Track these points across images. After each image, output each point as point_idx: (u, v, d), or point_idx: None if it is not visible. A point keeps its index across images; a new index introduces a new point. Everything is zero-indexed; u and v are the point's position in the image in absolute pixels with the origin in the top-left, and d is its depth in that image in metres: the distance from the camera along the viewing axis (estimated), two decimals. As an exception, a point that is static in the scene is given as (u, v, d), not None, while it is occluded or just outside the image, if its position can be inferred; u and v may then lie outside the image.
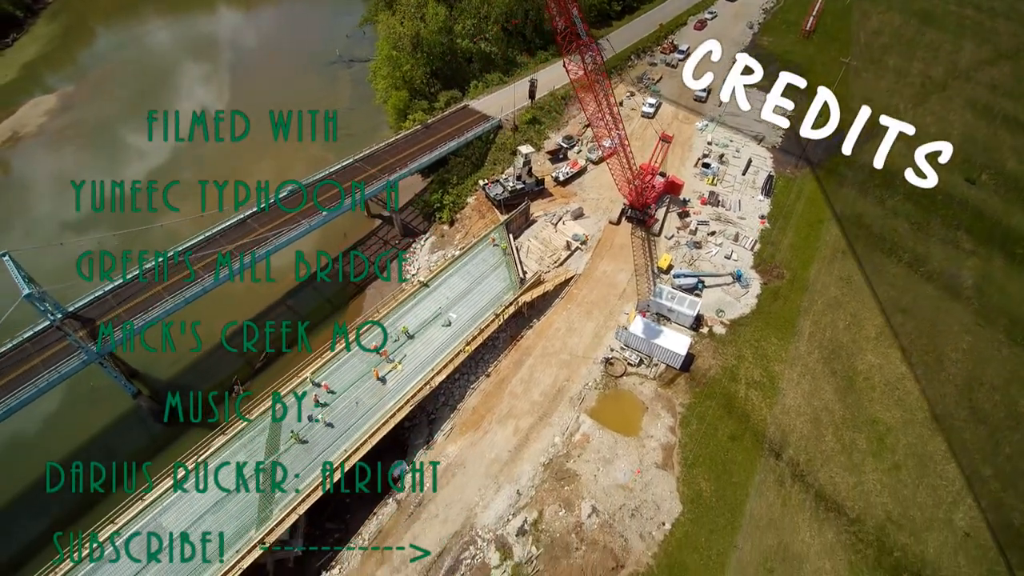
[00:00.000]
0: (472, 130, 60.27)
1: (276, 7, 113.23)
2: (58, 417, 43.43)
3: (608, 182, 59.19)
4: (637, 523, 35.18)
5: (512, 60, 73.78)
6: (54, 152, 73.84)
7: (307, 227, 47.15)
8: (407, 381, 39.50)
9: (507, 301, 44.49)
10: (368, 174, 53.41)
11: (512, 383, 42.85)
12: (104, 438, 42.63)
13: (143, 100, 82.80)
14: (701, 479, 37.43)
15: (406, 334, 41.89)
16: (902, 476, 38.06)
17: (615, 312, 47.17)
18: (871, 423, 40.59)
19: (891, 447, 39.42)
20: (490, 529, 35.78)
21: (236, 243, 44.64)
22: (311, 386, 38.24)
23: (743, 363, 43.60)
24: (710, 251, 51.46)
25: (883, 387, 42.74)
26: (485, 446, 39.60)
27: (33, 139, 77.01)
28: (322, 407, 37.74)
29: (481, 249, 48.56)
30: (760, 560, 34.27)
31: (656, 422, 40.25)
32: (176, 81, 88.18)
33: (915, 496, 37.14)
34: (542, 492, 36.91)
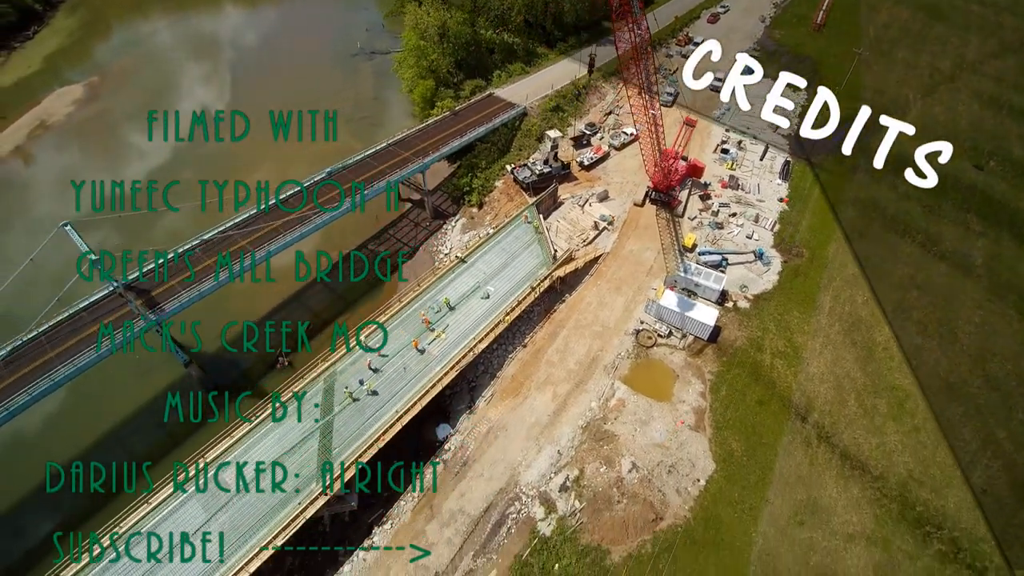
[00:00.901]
0: (498, 117, 62.26)
1: (293, 2, 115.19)
2: (109, 387, 45.37)
3: (630, 167, 61.53)
4: (674, 479, 37.23)
5: (532, 51, 75.83)
6: (82, 139, 75.59)
7: (348, 206, 48.93)
8: (451, 349, 41.52)
9: (542, 276, 46.51)
10: (401, 158, 55.35)
11: (548, 353, 44.88)
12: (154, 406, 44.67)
13: (167, 92, 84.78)
14: (732, 440, 39.50)
15: (447, 305, 43.89)
16: (921, 438, 40.18)
17: (643, 288, 49.23)
18: (891, 389, 42.72)
19: (910, 411, 41.55)
20: (533, 486, 37.78)
21: (284, 219, 46.52)
22: (364, 351, 40.27)
23: (767, 335, 45.71)
24: (732, 231, 53.56)
25: (901, 357, 44.92)
26: (525, 410, 41.61)
27: (60, 127, 78.94)
28: (375, 372, 39.76)
29: (514, 228, 50.57)
30: (791, 513, 36.33)
31: (687, 388, 42.33)
32: (200, 74, 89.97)
33: (934, 456, 39.26)
34: (582, 452, 38.95)
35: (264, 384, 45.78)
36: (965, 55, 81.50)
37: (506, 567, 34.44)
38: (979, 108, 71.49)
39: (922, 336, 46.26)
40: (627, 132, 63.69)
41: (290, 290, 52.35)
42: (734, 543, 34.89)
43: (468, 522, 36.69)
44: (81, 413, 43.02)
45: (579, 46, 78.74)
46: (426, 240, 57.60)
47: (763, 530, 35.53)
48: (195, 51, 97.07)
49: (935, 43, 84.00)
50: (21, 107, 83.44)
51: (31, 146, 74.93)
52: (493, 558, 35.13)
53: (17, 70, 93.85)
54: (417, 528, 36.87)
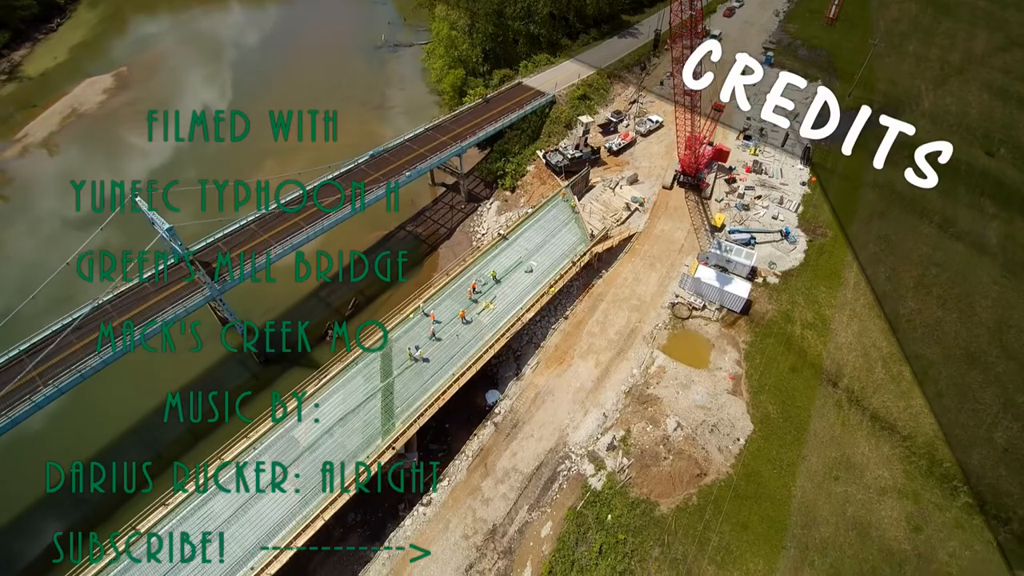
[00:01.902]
0: (528, 104, 64.41)
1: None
2: (167, 357, 47.16)
3: (657, 152, 63.76)
4: (716, 438, 39.41)
5: (556, 43, 77.94)
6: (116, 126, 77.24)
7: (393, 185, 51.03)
8: (500, 318, 43.61)
9: (581, 251, 48.64)
10: (438, 142, 57.40)
11: (589, 324, 47.02)
12: (214, 373, 46.65)
13: (196, 81, 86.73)
14: (768, 404, 41.70)
15: (494, 278, 45.96)
16: (945, 402, 42.45)
17: (676, 264, 51.41)
18: (915, 358, 45.00)
19: (934, 378, 43.83)
20: (582, 446, 39.90)
21: (333, 197, 48.53)
22: (422, 315, 42.44)
23: (796, 307, 47.95)
24: (758, 212, 55.81)
25: (923, 328, 47.22)
26: (570, 377, 43.74)
27: (94, 115, 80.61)
28: (436, 340, 41.88)
29: (552, 207, 52.71)
30: (826, 470, 38.55)
31: (723, 356, 44.52)
32: (227, 64, 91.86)
33: (958, 418, 41.54)
34: (626, 414, 41.09)
35: (314, 355, 47.99)
36: (973, 49, 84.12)
37: (560, 518, 36.58)
38: (988, 99, 74.01)
39: (942, 309, 48.60)
40: (652, 119, 65.90)
41: (333, 270, 54.55)
42: (775, 496, 37.12)
43: (521, 479, 38.81)
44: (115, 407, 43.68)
45: (600, 38, 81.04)
46: (462, 222, 59.73)
47: (801, 484, 37.77)
48: (219, 44, 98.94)
49: (944, 37, 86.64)
50: (51, 96, 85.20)
51: (69, 132, 76.59)
52: (547, 511, 37.24)
53: (43, 61, 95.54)
54: (473, 484, 38.97)
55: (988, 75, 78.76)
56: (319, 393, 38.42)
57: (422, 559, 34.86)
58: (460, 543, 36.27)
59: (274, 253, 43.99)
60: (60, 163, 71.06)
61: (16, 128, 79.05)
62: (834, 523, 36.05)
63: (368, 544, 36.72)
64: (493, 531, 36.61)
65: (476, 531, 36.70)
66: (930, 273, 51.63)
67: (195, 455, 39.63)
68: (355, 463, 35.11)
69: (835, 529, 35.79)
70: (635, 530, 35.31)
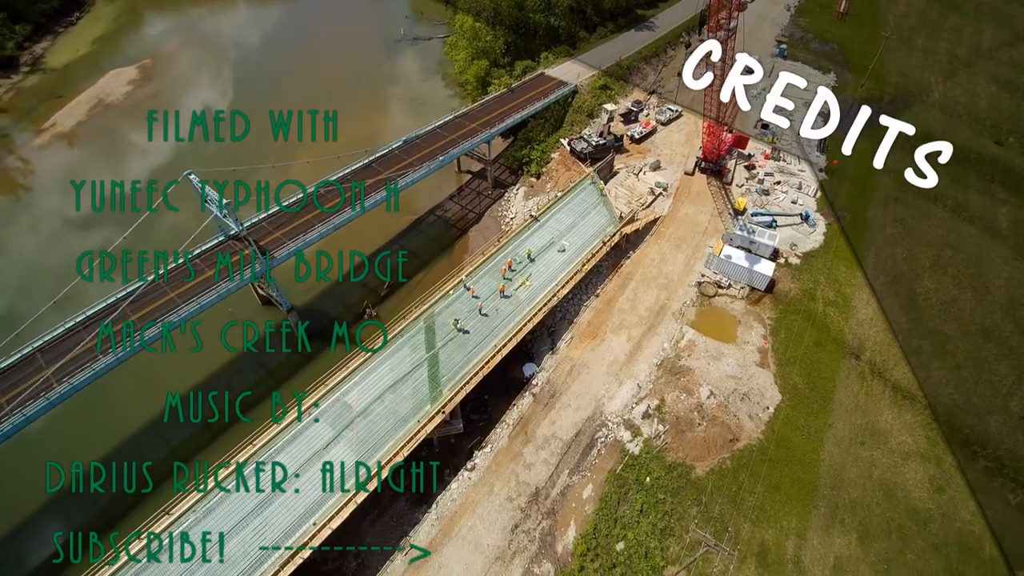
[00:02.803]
0: (553, 93, 66.17)
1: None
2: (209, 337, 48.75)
3: (677, 140, 65.59)
4: (747, 406, 41.21)
5: (574, 35, 79.72)
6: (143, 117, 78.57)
7: (426, 169, 52.63)
8: (536, 294, 45.35)
9: (610, 232, 50.42)
10: (468, 128, 59.11)
11: (619, 302, 48.80)
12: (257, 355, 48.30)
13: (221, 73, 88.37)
14: (794, 375, 43.54)
15: (529, 257, 47.69)
16: (963, 373, 44.38)
17: (700, 246, 53.23)
18: (933, 333, 46.93)
19: (951, 352, 45.75)
20: (618, 414, 41.67)
21: (377, 177, 50.26)
22: (463, 290, 44.18)
23: (818, 286, 49.83)
24: (777, 197, 57.67)
25: (939, 306, 49.17)
26: (603, 351, 45.50)
27: (121, 105, 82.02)
28: (477, 314, 43.61)
29: (580, 191, 54.46)
30: (851, 436, 40.41)
31: (750, 331, 46.35)
32: (247, 58, 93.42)
33: (975, 388, 43.46)
34: (660, 384, 42.87)
35: (355, 330, 49.66)
36: (980, 43, 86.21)
37: (600, 481, 38.33)
38: (996, 91, 76.08)
39: (958, 288, 50.53)
40: (672, 109, 67.76)
41: (370, 248, 56.30)
42: (804, 460, 38.94)
43: (561, 445, 40.56)
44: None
45: (616, 31, 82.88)
46: (490, 207, 61.45)
47: (828, 449, 39.62)
48: (239, 38, 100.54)
49: (951, 32, 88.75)
50: (77, 87, 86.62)
51: (96, 122, 77.98)
52: (587, 475, 38.99)
53: (66, 53, 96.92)
54: (515, 451, 40.69)
55: (995, 68, 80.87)
56: (367, 364, 40.20)
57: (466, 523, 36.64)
58: (505, 505, 37.99)
59: (315, 233, 45.70)
60: (87, 152, 72.47)
61: (43, 117, 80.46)
62: (861, 484, 37.92)
63: (415, 507, 38.64)
64: (536, 494, 38.34)
65: (520, 494, 38.43)
66: (945, 254, 53.58)
67: (261, 412, 41.27)
68: (407, 427, 37.01)
69: (862, 490, 37.66)
70: (673, 491, 37.10)
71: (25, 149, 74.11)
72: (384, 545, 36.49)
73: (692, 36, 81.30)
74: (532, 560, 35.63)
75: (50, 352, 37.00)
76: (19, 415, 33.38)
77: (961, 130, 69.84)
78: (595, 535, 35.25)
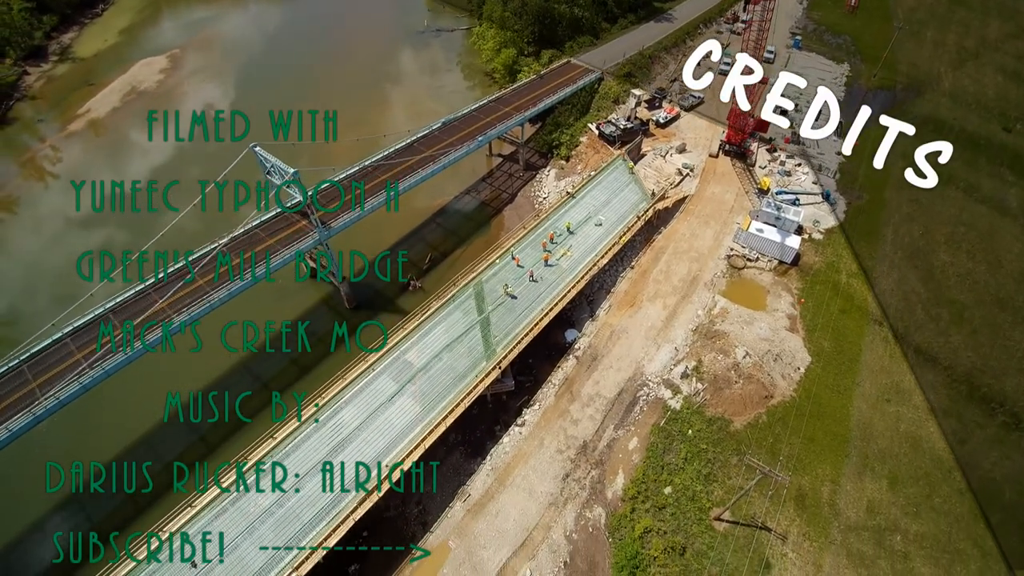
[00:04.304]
0: (580, 80, 68.76)
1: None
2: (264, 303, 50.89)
3: (701, 125, 68.24)
4: (779, 366, 43.78)
5: (597, 26, 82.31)
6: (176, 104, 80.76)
7: (466, 148, 55.17)
8: (576, 263, 47.83)
9: (644, 208, 52.98)
10: (502, 112, 61.57)
11: (653, 273, 51.36)
12: (311, 314, 50.70)
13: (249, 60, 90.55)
14: (822, 339, 46.14)
15: (568, 230, 50.17)
16: (979, 338, 47.06)
17: (728, 222, 55.84)
18: (950, 303, 49.65)
19: (968, 319, 48.45)
20: (658, 375, 44.18)
21: (421, 156, 52.75)
22: (509, 259, 46.66)
23: (841, 259, 52.50)
24: (799, 178, 60.37)
25: (955, 278, 51.88)
26: (641, 318, 48.03)
27: (154, 92, 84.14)
28: (523, 281, 46.02)
29: (612, 170, 56.98)
30: (878, 394, 43.04)
31: (779, 300, 48.96)
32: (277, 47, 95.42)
33: (992, 352, 46.14)
34: (696, 347, 45.40)
35: (398, 302, 52.06)
36: (986, 36, 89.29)
37: (645, 434, 40.82)
38: (1003, 80, 79.05)
39: (972, 262, 53.26)
40: (695, 95, 70.43)
41: (410, 226, 58.80)
42: (835, 415, 41.54)
43: (605, 403, 43.06)
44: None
45: (636, 22, 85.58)
46: (522, 188, 63.92)
47: (857, 406, 42.23)
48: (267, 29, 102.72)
49: (958, 25, 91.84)
50: (108, 75, 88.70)
51: (130, 108, 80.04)
52: (632, 429, 41.48)
53: (94, 43, 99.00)
54: (561, 408, 43.17)
55: (1001, 59, 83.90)
56: (422, 326, 42.59)
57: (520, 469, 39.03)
58: (555, 456, 40.46)
59: (369, 205, 48.10)
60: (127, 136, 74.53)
61: (77, 104, 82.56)
62: (889, 437, 40.55)
63: (471, 459, 41.04)
64: (584, 446, 40.83)
65: (568, 446, 40.90)
66: (959, 231, 56.32)
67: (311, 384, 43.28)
68: (464, 382, 39.48)
69: (890, 442, 40.29)
70: (714, 442, 39.62)
71: (60, 135, 76.07)
72: (442, 493, 39.13)
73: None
74: (584, 505, 38.13)
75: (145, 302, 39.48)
76: (82, 380, 35.04)
77: (971, 118, 72.76)
78: (644, 480, 37.77)
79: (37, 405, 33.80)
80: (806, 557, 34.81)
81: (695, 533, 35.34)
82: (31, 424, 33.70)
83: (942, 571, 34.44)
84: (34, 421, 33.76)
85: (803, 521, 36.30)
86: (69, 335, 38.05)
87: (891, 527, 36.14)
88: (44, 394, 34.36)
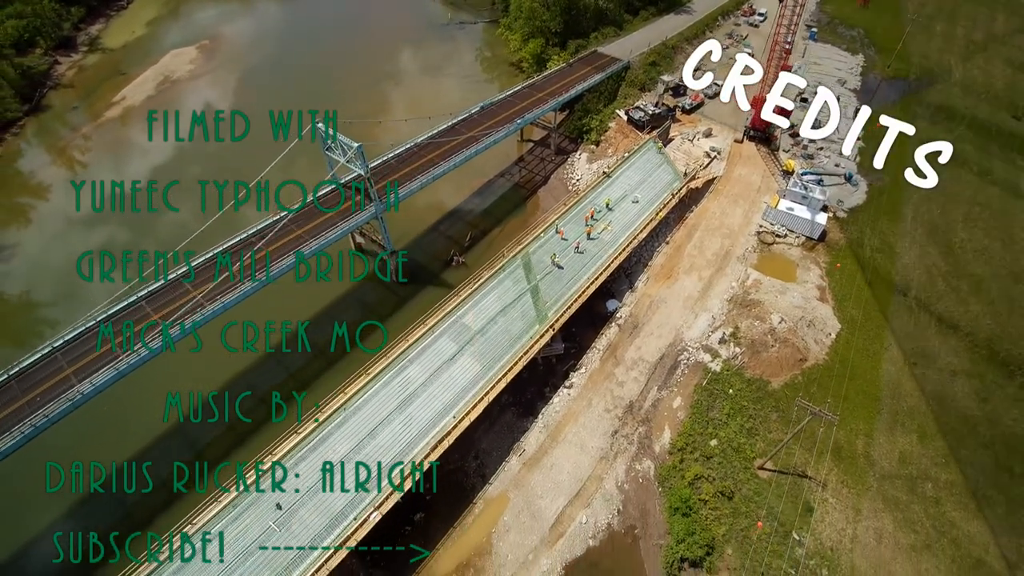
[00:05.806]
0: (607, 68, 71.24)
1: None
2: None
3: (725, 111, 70.88)
4: (812, 332, 46.37)
5: (620, 17, 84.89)
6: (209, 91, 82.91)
7: (505, 130, 57.58)
8: (618, 237, 50.32)
9: (677, 186, 55.52)
10: (535, 98, 63.99)
11: (687, 248, 53.92)
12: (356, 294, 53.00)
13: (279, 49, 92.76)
14: (851, 308, 48.77)
15: (607, 206, 52.67)
16: (998, 307, 49.74)
17: (756, 201, 58.47)
18: (968, 275, 52.35)
19: (986, 290, 51.18)
20: (697, 341, 46.71)
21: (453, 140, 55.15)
22: (553, 231, 49.14)
23: (865, 236, 55.20)
24: (821, 161, 63.05)
25: (973, 253, 54.61)
26: (678, 289, 50.56)
27: (187, 81, 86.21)
28: (569, 252, 48.47)
29: (645, 152, 59.53)
30: (905, 357, 45.66)
31: (808, 273, 51.59)
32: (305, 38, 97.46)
33: (1010, 319, 48.79)
34: (732, 315, 47.95)
35: (443, 277, 54.39)
36: (994, 29, 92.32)
37: (688, 394, 43.35)
38: (1012, 72, 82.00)
39: (988, 238, 55.99)
40: (718, 83, 73.03)
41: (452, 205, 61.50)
42: (866, 376, 44.16)
43: (648, 366, 45.58)
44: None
45: (658, 15, 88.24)
46: (554, 171, 66.41)
47: (886, 368, 44.86)
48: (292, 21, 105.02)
49: (966, 19, 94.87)
50: (139, 66, 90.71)
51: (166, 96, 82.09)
52: (675, 389, 44.01)
53: (122, 35, 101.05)
54: (607, 371, 45.67)
55: (1009, 52, 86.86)
56: (475, 293, 44.96)
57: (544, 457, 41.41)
58: (603, 415, 42.95)
59: (419, 182, 50.46)
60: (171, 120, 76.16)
61: (111, 92, 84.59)
62: (916, 395, 43.17)
63: (523, 418, 43.45)
64: (630, 406, 43.33)
65: (615, 406, 43.40)
66: (974, 211, 59.07)
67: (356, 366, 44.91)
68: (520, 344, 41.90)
69: (918, 400, 42.91)
70: (754, 400, 42.17)
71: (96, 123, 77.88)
72: (497, 449, 41.55)
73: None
74: (633, 458, 40.64)
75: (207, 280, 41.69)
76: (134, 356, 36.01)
77: (981, 106, 75.58)
78: (691, 433, 40.27)
79: (73, 391, 33.79)
80: (845, 502, 37.38)
81: (742, 480, 37.87)
82: (68, 410, 33.91)
83: (971, 515, 37.06)
84: (71, 407, 33.84)
85: (841, 470, 38.89)
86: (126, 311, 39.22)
87: (922, 476, 38.76)
88: (79, 379, 34.60)
